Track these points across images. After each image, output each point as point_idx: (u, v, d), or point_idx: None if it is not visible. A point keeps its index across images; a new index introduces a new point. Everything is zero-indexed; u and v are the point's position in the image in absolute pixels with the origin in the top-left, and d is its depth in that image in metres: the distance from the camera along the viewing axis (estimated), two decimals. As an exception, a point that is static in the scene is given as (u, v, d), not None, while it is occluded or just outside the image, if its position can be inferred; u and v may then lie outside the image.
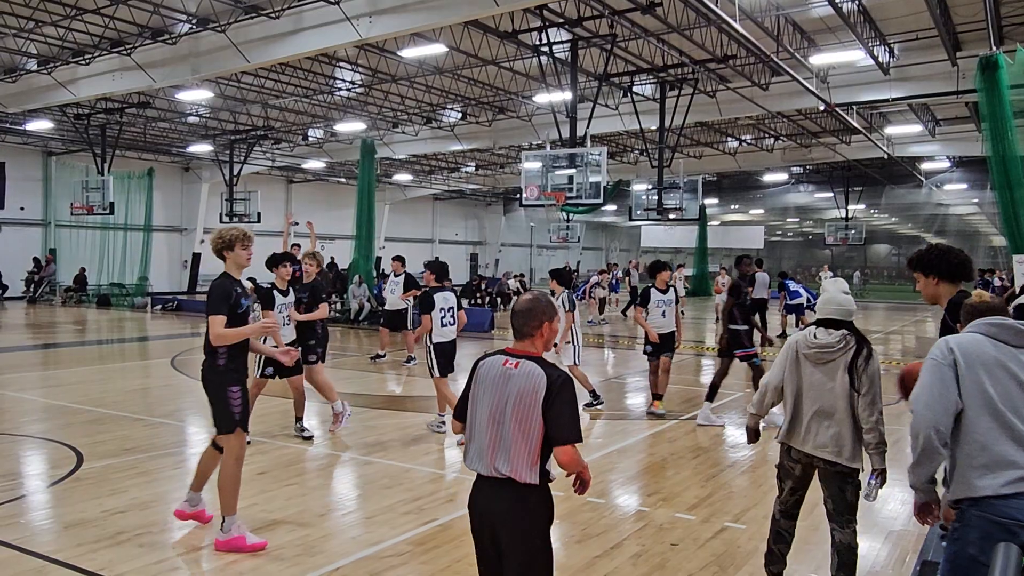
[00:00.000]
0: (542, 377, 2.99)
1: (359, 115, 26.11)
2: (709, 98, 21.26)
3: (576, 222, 39.71)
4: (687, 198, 23.11)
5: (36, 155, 30.81)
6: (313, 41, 15.48)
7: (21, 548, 4.91)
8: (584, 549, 5.10)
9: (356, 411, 9.58)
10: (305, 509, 5.85)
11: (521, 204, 17.75)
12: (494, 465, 3.05)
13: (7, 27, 16.61)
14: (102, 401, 9.86)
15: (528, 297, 3.25)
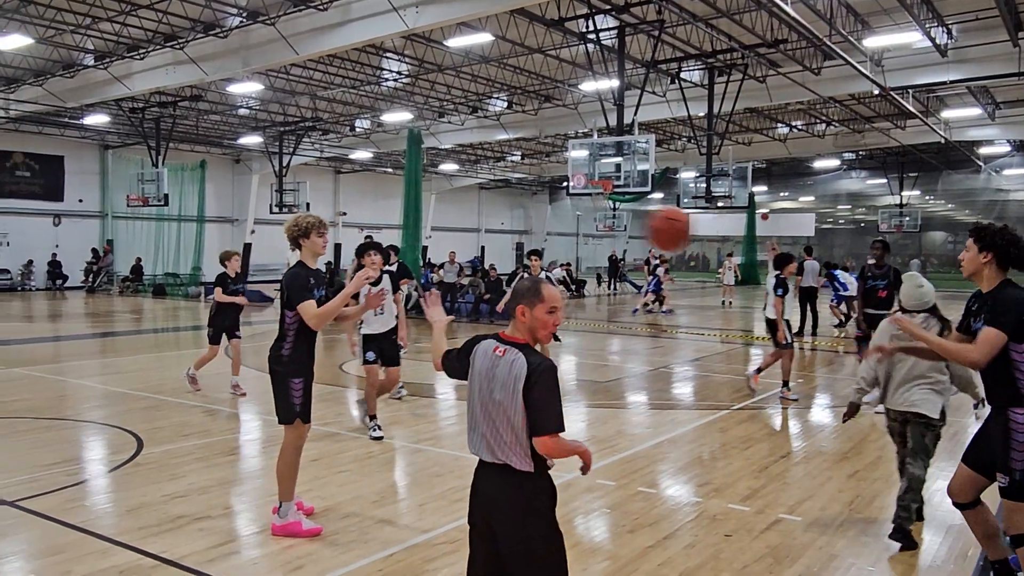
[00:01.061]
0: (523, 364, 2.90)
1: (406, 105, 26.25)
2: (759, 84, 20.89)
3: (622, 210, 39.43)
4: (736, 185, 22.80)
5: (93, 149, 31.62)
6: (361, 32, 15.59)
7: (86, 530, 5.06)
8: (636, 539, 5.08)
9: (405, 399, 9.67)
10: (358, 496, 5.92)
11: (568, 193, 17.69)
12: (491, 451, 2.99)
13: (65, 23, 17.02)
14: (160, 388, 10.10)
15: (523, 279, 3.19)
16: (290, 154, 29.72)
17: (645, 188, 16.22)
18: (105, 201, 31.67)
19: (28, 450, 7.05)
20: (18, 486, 5.91)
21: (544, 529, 2.95)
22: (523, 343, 3.01)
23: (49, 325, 19.52)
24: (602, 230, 40.42)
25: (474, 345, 3.13)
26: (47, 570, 4.45)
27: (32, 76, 21.87)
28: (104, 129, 28.93)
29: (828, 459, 7.14)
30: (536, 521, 2.93)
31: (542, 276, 10.01)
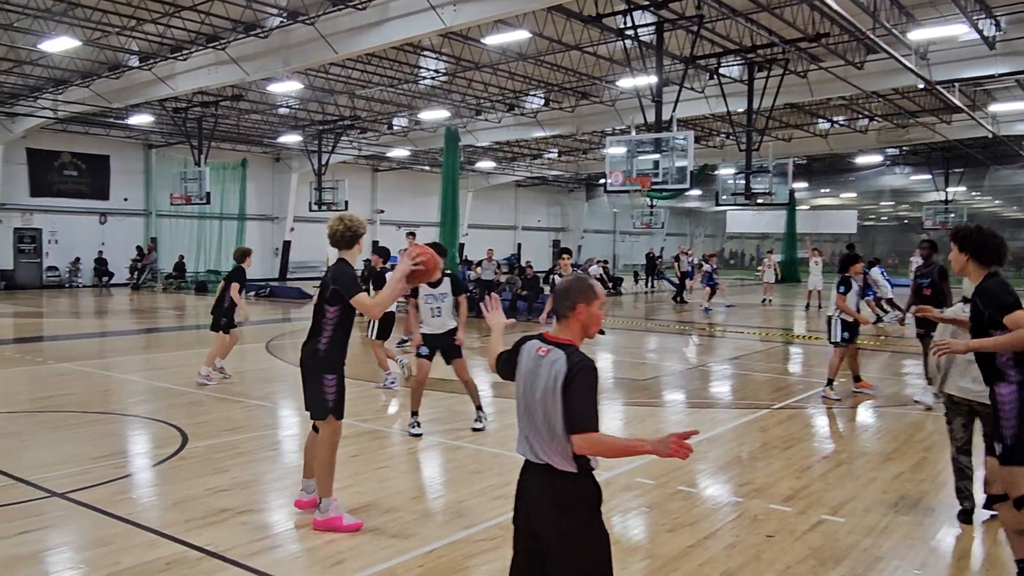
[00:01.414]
0: (563, 363, 2.89)
1: (443, 103, 26.35)
2: (800, 79, 20.61)
3: (660, 208, 39.19)
4: (776, 182, 22.49)
5: (138, 148, 32.23)
6: (399, 31, 15.69)
7: (133, 522, 5.17)
8: (676, 538, 5.05)
9: (444, 397, 9.72)
10: (398, 492, 5.97)
11: (606, 190, 17.62)
12: (534, 451, 2.98)
13: (111, 25, 17.37)
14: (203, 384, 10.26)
15: (565, 279, 3.12)
16: (329, 152, 30.01)
17: (684, 185, 16.10)
18: (149, 199, 32.29)
19: (77, 443, 7.22)
20: (68, 478, 6.05)
21: (586, 531, 2.91)
22: (567, 343, 2.98)
23: (96, 321, 19.96)
24: (639, 227, 40.17)
25: (521, 345, 3.13)
26: (97, 560, 4.55)
27: (79, 77, 22.37)
28: (148, 129, 29.47)
29: (871, 460, 7.02)
30: (578, 523, 2.90)
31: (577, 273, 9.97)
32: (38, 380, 10.69)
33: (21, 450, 6.97)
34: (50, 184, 29.37)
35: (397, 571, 4.48)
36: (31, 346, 14.34)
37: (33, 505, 5.48)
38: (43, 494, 5.69)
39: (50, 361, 12.19)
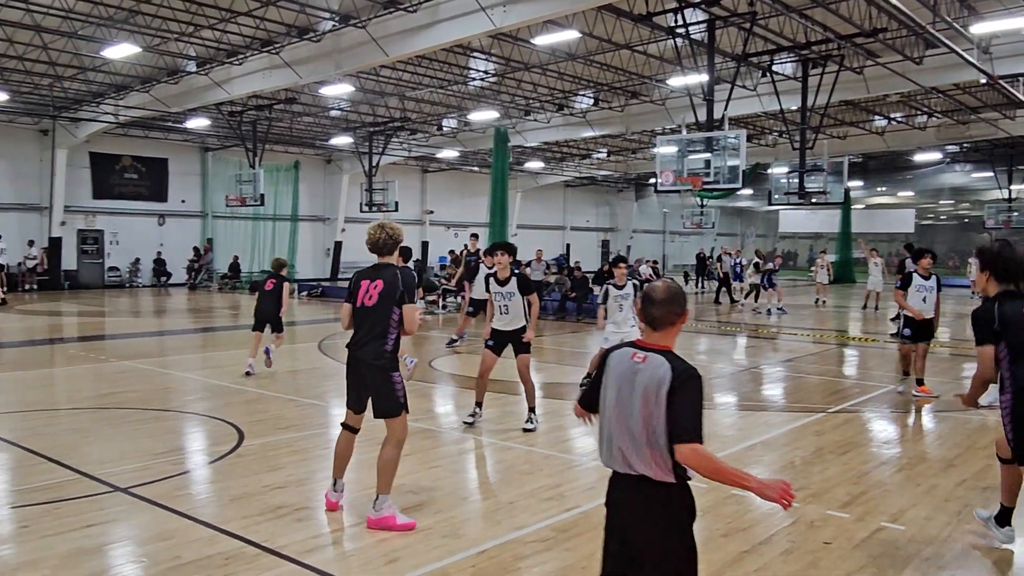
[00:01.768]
0: (667, 370, 2.83)
1: (492, 104, 26.44)
2: (856, 75, 20.19)
3: (711, 207, 38.76)
4: (830, 180, 22.01)
5: (195, 151, 32.99)
6: (449, 32, 15.79)
7: (193, 517, 5.29)
8: (730, 543, 4.98)
9: (495, 397, 9.74)
10: (450, 492, 6.01)
11: (656, 190, 17.47)
12: (627, 462, 2.91)
13: (170, 32, 17.83)
14: (257, 382, 10.46)
15: (664, 285, 3.03)
16: (379, 154, 30.32)
17: (735, 184, 15.89)
18: (205, 201, 33.02)
19: (139, 439, 7.42)
20: (131, 474, 6.22)
21: (680, 544, 2.91)
22: (666, 349, 2.94)
23: (154, 320, 20.48)
24: (689, 227, 39.79)
25: (607, 353, 3.10)
26: (159, 554, 4.67)
27: (139, 83, 23.01)
28: (205, 132, 30.15)
29: (933, 466, 6.84)
30: (673, 535, 2.90)
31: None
32: (101, 377, 11.01)
33: (85, 445, 7.19)
34: (112, 187, 30.25)
35: (449, 571, 4.51)
36: (94, 344, 14.78)
37: (97, 499, 5.64)
38: (107, 489, 5.86)
39: (112, 359, 12.55)
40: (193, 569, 4.46)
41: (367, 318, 5.21)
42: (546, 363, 12.93)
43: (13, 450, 6.97)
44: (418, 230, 40.96)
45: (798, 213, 42.12)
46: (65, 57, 20.40)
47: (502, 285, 7.90)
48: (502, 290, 7.90)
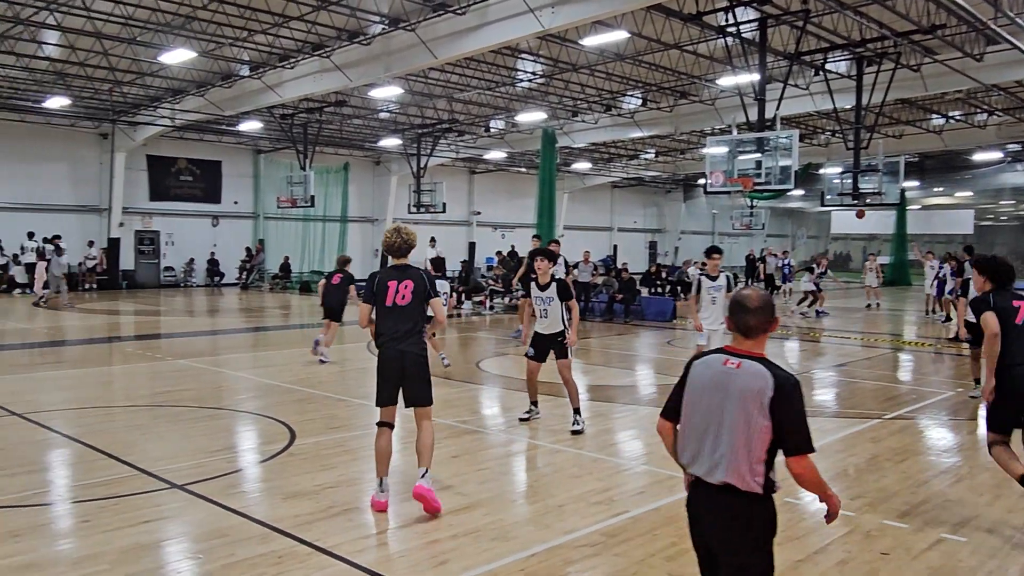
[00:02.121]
0: (769, 378, 2.80)
1: (540, 105, 26.42)
2: (912, 73, 19.67)
3: (760, 208, 38.19)
4: (885, 181, 21.55)
5: (247, 153, 33.60)
6: (497, 34, 15.81)
7: (246, 515, 5.38)
8: (784, 552, 4.86)
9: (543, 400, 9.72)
10: (498, 494, 6.01)
11: (706, 191, 17.27)
12: (713, 471, 2.88)
13: (224, 37, 18.17)
14: (308, 381, 10.60)
15: (756, 293, 3.00)
16: (427, 155, 30.53)
17: (787, 185, 15.64)
18: (257, 203, 33.61)
19: (194, 437, 7.58)
20: (186, 471, 6.35)
21: (761, 562, 2.88)
22: (761, 356, 2.91)
23: (208, 320, 20.91)
24: (739, 228, 39.25)
25: (690, 363, 3.10)
26: (214, 551, 4.76)
27: (195, 87, 23.51)
28: (257, 135, 30.69)
29: (996, 476, 6.60)
30: (755, 552, 2.87)
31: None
32: (157, 376, 11.26)
33: (143, 442, 7.36)
34: (167, 189, 30.98)
35: (499, 573, 4.51)
36: (150, 343, 15.15)
37: (154, 495, 5.77)
38: (164, 485, 5.98)
39: (168, 358, 12.84)
40: (246, 567, 4.53)
41: (404, 315, 5.53)
42: (593, 365, 12.87)
43: (74, 446, 7.17)
44: (465, 231, 41.14)
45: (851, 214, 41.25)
46: (124, 63, 20.94)
47: (542, 289, 8.10)
48: (542, 295, 8.10)
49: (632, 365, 13.14)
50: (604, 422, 8.67)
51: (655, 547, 4.90)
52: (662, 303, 21.19)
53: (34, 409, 8.62)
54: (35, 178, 27.63)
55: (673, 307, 20.56)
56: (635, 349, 14.84)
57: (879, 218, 38.81)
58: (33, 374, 11.58)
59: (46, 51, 20.18)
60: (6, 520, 5.23)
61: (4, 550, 4.71)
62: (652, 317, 19.76)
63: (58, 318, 19.12)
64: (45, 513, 5.54)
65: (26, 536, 4.99)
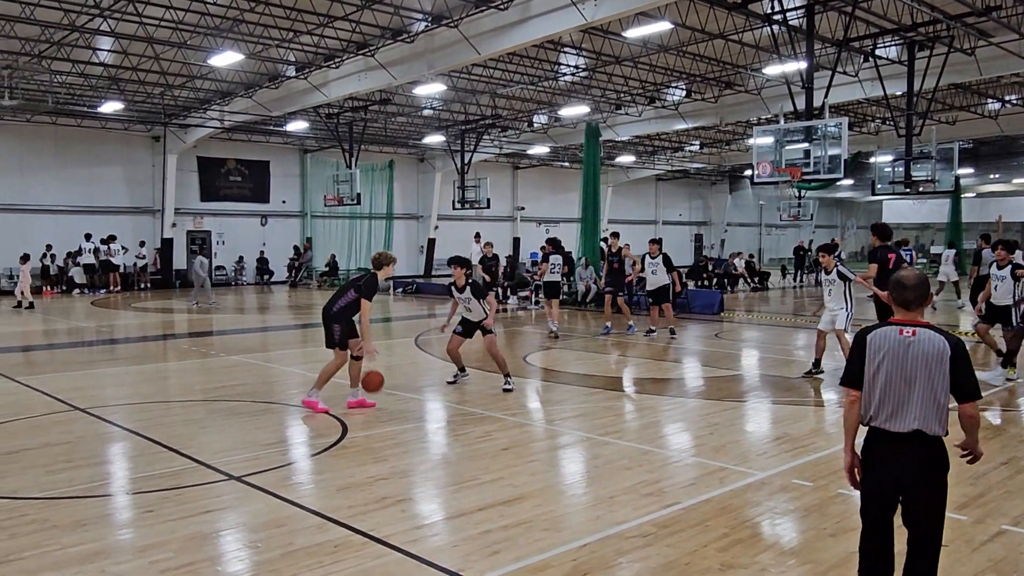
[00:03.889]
0: (944, 342, 3.42)
1: (583, 99, 26.34)
2: (966, 56, 19.19)
3: (808, 198, 37.59)
4: (939, 168, 21.03)
5: (294, 153, 34.13)
6: (540, 28, 15.82)
7: (302, 506, 5.49)
8: (839, 543, 4.84)
9: (588, 392, 9.74)
10: (548, 486, 6.04)
11: (752, 182, 17.08)
12: (904, 421, 3.45)
13: (271, 39, 18.48)
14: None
15: (913, 273, 3.62)
16: (471, 151, 30.66)
17: (837, 175, 15.37)
18: (305, 201, 34.13)
19: (248, 430, 7.75)
20: (243, 463, 6.50)
21: (944, 484, 3.52)
22: (927, 325, 3.50)
23: (258, 317, 21.31)
24: (786, 219, 38.68)
25: (863, 337, 3.60)
26: (272, 541, 4.87)
27: (242, 89, 23.96)
28: (303, 134, 31.16)
29: (1058, 468, 6.46)
30: (941, 481, 3.50)
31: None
32: (210, 371, 11.53)
33: (200, 435, 7.55)
34: (217, 189, 31.64)
35: (551, 563, 4.53)
36: (203, 340, 15.49)
37: (214, 487, 5.92)
38: (222, 477, 6.14)
39: (221, 354, 13.13)
40: (304, 555, 4.63)
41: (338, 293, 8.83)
42: (641, 359, 12.82)
43: (135, 439, 7.38)
44: (509, 226, 41.22)
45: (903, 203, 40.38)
46: (175, 66, 21.43)
47: (461, 292, 9.68)
48: (462, 296, 9.69)
49: (679, 358, 13.06)
50: (653, 415, 8.65)
51: (707, 538, 4.89)
52: (709, 296, 20.99)
53: (96, 404, 8.90)
54: (92, 181, 28.48)
55: (720, 299, 20.35)
56: (682, 342, 14.74)
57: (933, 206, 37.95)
58: (93, 370, 11.95)
59: (100, 57, 20.75)
60: (74, 510, 5.42)
61: (73, 539, 4.88)
62: (699, 310, 19.60)
63: (115, 317, 19.67)
64: (110, 503, 5.73)
65: (93, 525, 5.17)
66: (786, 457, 6.76)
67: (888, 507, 3.57)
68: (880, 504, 3.59)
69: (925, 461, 3.46)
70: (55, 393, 9.47)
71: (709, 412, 8.62)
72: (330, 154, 31.68)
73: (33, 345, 14.87)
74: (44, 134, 27.23)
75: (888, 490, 3.53)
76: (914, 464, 3.47)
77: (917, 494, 3.47)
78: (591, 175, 22.67)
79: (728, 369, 11.85)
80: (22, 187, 27.00)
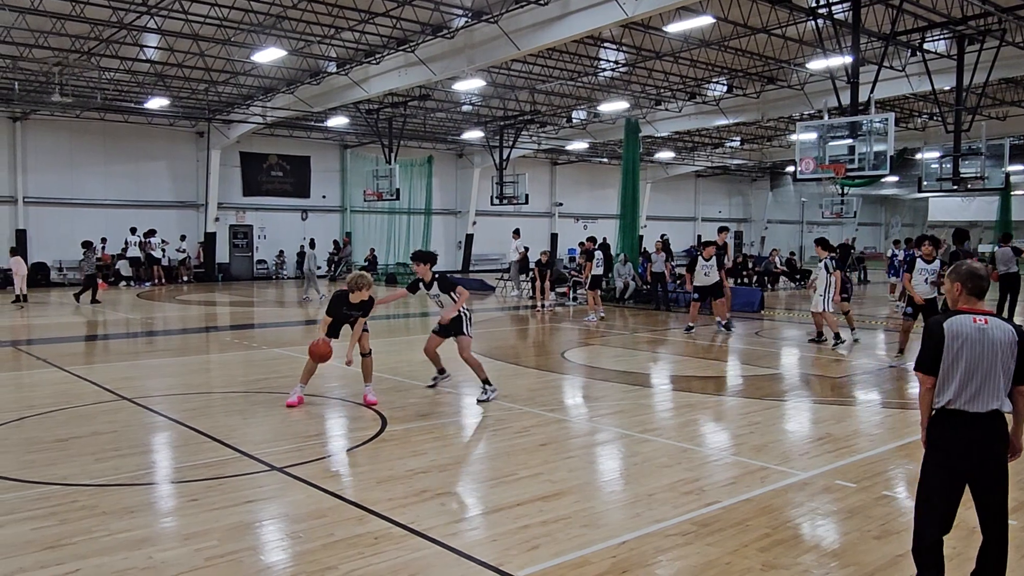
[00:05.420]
0: (1012, 330, 3.77)
1: (622, 94, 26.19)
2: (1018, 50, 18.72)
3: (852, 196, 36.96)
4: (988, 165, 20.53)
5: (335, 148, 34.44)
6: (580, 23, 15.75)
7: (343, 497, 5.55)
8: (885, 545, 4.76)
9: (627, 390, 9.68)
10: (587, 482, 6.03)
11: (795, 179, 16.84)
12: (984, 402, 3.75)
13: (313, 35, 18.66)
14: (396, 370, 10.82)
15: (983, 265, 4.00)
16: (510, 147, 30.67)
17: (882, 171, 15.08)
18: (344, 196, 34.45)
19: (290, 423, 7.85)
20: (285, 454, 6.60)
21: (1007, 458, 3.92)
22: (993, 313, 3.85)
23: (298, 310, 21.55)
24: (829, 217, 38.07)
25: (939, 326, 3.85)
26: (313, 531, 4.93)
27: (284, 85, 24.23)
28: (344, 130, 31.43)
29: (1112, 473, 6.28)
30: (1006, 449, 3.89)
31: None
32: (252, 364, 11.70)
33: (243, 426, 7.67)
34: (259, 184, 32.07)
35: (590, 559, 4.53)
36: (245, 332, 15.72)
37: (257, 477, 6.02)
38: (264, 468, 6.23)
39: (263, 347, 13.30)
40: (345, 547, 4.68)
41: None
42: (680, 356, 12.73)
43: (180, 429, 7.53)
44: (547, 222, 41.17)
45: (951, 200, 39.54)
46: (219, 63, 21.74)
47: (428, 288, 9.15)
48: (430, 292, 9.19)
49: (719, 356, 12.94)
50: (692, 412, 8.58)
51: (748, 537, 4.84)
52: (750, 293, 20.75)
53: (142, 394, 9.09)
54: (138, 176, 29.06)
55: (760, 297, 20.12)
56: (720, 339, 14.60)
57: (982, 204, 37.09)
58: (139, 361, 12.20)
59: (147, 54, 21.13)
60: (122, 497, 5.54)
61: (120, 525, 5.00)
62: (739, 308, 19.36)
63: (160, 309, 20.04)
64: (156, 491, 5.85)
65: (140, 512, 5.28)
66: (829, 457, 6.67)
67: (959, 476, 3.88)
68: (951, 473, 3.89)
69: (997, 436, 3.83)
70: (103, 383, 9.69)
71: (749, 411, 8.53)
72: (370, 150, 31.93)
73: (80, 336, 15.21)
74: (93, 130, 27.84)
75: (962, 463, 3.85)
76: (989, 440, 3.83)
77: (991, 465, 3.83)
78: (630, 171, 22.55)
79: (768, 368, 11.71)
80: (72, 181, 27.65)
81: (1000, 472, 3.87)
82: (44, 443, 6.96)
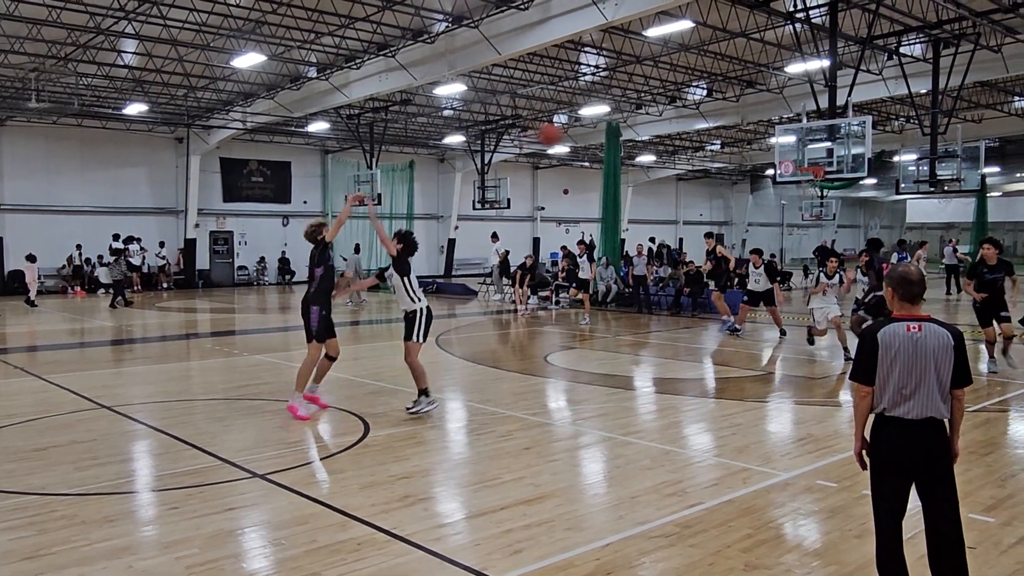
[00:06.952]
0: (947, 334, 3.71)
1: (603, 98, 26.28)
2: (993, 54, 18.96)
3: (831, 198, 37.30)
4: (964, 167, 20.76)
5: (316, 154, 34.32)
6: (560, 28, 15.79)
7: (325, 503, 5.52)
8: (864, 545, 4.78)
9: (611, 392, 9.70)
10: (570, 485, 6.03)
11: (775, 181, 16.96)
12: (920, 409, 3.70)
13: (293, 40, 18.59)
14: (379, 375, 10.81)
15: (916, 269, 3.88)
16: (491, 152, 30.63)
17: (860, 173, 15.21)
18: (326, 202, 34.27)
19: (272, 429, 7.80)
20: (266, 461, 6.55)
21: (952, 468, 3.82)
22: (928, 318, 3.76)
23: (280, 316, 21.48)
24: (808, 219, 38.39)
25: (874, 335, 3.78)
26: (296, 538, 4.90)
27: (264, 90, 24.12)
28: (324, 135, 31.31)
29: (1088, 470, 6.37)
30: (950, 460, 3.80)
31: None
32: (233, 370, 11.63)
33: (224, 433, 7.62)
34: (240, 190, 31.89)
35: (574, 562, 4.53)
36: (226, 339, 15.63)
37: (238, 484, 5.97)
38: (246, 474, 6.19)
39: (244, 353, 13.23)
40: (328, 553, 4.66)
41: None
42: (662, 359, 12.78)
43: (160, 436, 7.46)
44: (529, 226, 41.20)
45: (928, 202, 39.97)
46: (198, 68, 21.60)
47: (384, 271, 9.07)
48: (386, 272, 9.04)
49: (700, 358, 13.00)
50: (674, 415, 8.61)
51: (731, 538, 4.86)
52: (731, 296, 20.82)
53: (122, 402, 9.00)
54: (116, 182, 28.80)
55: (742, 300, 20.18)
56: (703, 342, 14.68)
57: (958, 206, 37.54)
58: (119, 369, 12.09)
59: (125, 59, 20.96)
60: (101, 506, 5.48)
61: (100, 534, 4.94)
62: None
63: (140, 316, 19.87)
64: (136, 500, 5.80)
65: (120, 521, 5.23)
66: (810, 458, 6.71)
67: (905, 481, 3.78)
68: (898, 476, 3.79)
69: (936, 441, 3.76)
70: (81, 391, 9.59)
71: (731, 412, 8.57)
72: (351, 155, 31.81)
73: (58, 344, 15.06)
74: (70, 136, 27.57)
75: (903, 467, 3.77)
76: (927, 445, 3.75)
77: (933, 466, 3.74)
78: (611, 175, 22.64)
79: (750, 369, 11.78)
80: (48, 188, 27.35)
81: (945, 473, 3.79)
82: (23, 453, 6.87)
